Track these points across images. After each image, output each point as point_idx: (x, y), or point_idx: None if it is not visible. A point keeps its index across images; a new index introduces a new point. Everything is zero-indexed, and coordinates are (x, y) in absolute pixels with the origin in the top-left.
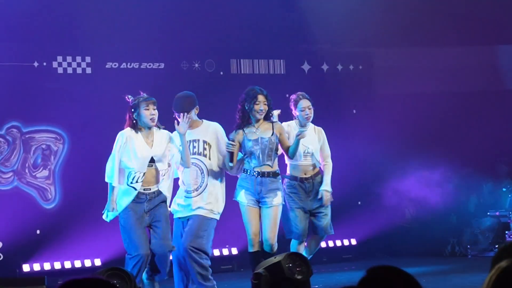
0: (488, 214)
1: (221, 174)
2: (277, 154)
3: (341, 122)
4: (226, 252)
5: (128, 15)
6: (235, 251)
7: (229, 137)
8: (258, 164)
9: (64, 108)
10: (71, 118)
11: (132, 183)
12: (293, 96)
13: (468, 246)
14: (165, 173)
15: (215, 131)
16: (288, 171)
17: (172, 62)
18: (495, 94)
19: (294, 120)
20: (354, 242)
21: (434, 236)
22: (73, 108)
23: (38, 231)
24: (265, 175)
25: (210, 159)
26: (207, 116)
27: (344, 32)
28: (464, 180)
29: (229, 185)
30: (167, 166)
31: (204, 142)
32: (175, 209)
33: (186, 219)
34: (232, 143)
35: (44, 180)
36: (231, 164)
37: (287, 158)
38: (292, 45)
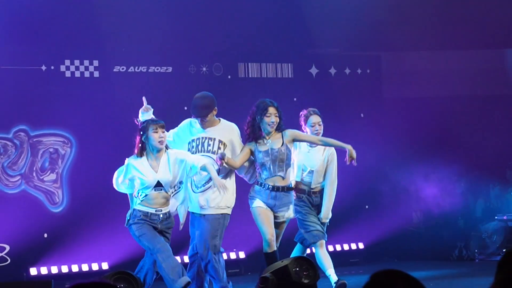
0: (496, 218)
1: (232, 174)
2: (289, 165)
3: (348, 126)
4: (233, 256)
5: (135, 19)
6: (242, 255)
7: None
8: (269, 175)
9: (71, 111)
10: (78, 121)
11: (138, 201)
12: (303, 111)
13: (476, 250)
14: (174, 193)
15: (231, 132)
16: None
17: (180, 66)
18: (503, 98)
19: None
20: (361, 246)
21: (442, 240)
22: (80, 111)
23: (46, 235)
24: (279, 189)
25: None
26: None
27: (352, 36)
28: (472, 184)
29: (238, 191)
30: (175, 189)
31: (220, 141)
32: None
33: (197, 215)
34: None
35: (52, 183)
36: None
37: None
38: (300, 49)
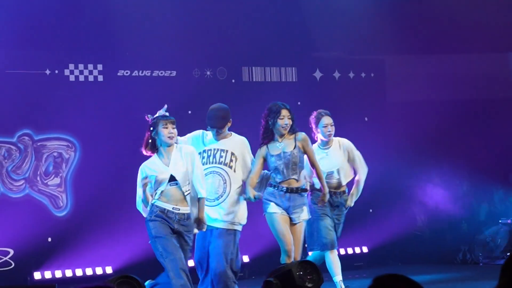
0: (500, 221)
1: (242, 187)
2: (302, 167)
3: (352, 129)
4: None
5: (140, 23)
6: (246, 259)
7: (255, 155)
8: (283, 178)
9: (75, 116)
10: (82, 126)
11: (155, 198)
12: (313, 113)
13: (480, 254)
14: (187, 191)
15: (242, 145)
16: (314, 185)
17: (184, 69)
18: (507, 101)
19: (316, 143)
20: (365, 249)
21: (446, 244)
22: (84, 116)
23: (50, 239)
24: (293, 191)
25: (235, 171)
26: None
27: (356, 40)
28: (475, 188)
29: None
30: (190, 186)
31: (232, 154)
32: None
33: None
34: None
35: (56, 187)
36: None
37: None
38: (304, 53)
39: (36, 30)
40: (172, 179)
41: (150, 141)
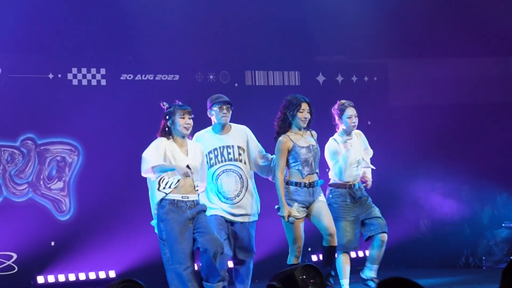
0: (503, 225)
1: (253, 175)
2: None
3: None
4: None
5: (142, 27)
6: None
7: (275, 148)
8: (310, 171)
9: (79, 120)
10: (86, 130)
11: (165, 188)
12: (336, 105)
13: (483, 258)
14: (197, 185)
15: (245, 134)
16: (333, 179)
17: (187, 73)
18: (510, 105)
19: (336, 133)
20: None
21: (449, 247)
22: (88, 120)
23: (53, 243)
24: (313, 185)
25: (245, 163)
26: None
27: (359, 44)
28: (478, 192)
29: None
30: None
31: (239, 147)
32: (212, 207)
33: (230, 222)
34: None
35: (59, 192)
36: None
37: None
38: (306, 56)
39: (39, 34)
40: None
41: (166, 129)
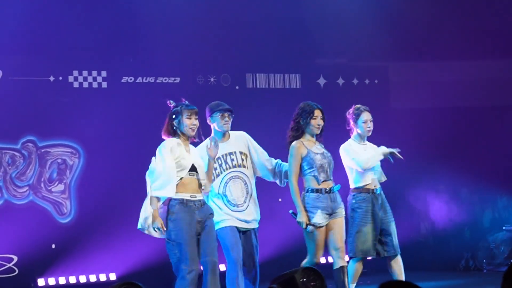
0: (504, 228)
1: (254, 180)
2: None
3: None
4: None
5: (143, 30)
6: None
7: (289, 154)
8: (326, 178)
9: (79, 122)
10: (86, 132)
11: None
12: (350, 110)
13: (484, 261)
14: (204, 187)
15: (245, 140)
16: (355, 184)
17: (188, 76)
18: (510, 108)
19: (351, 138)
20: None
21: (449, 250)
22: (88, 122)
23: (53, 246)
24: (331, 191)
25: (248, 168)
26: None
27: (360, 46)
28: (479, 195)
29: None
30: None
31: (241, 153)
32: (225, 218)
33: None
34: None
35: (60, 194)
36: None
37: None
38: (307, 59)
39: (40, 36)
40: (192, 168)
41: (173, 128)
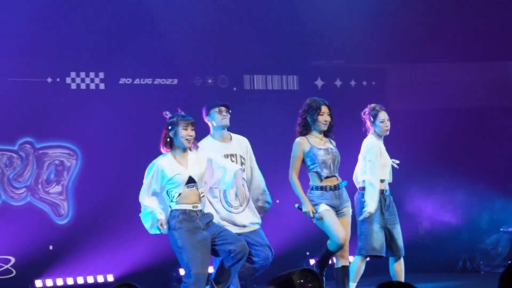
0: (501, 230)
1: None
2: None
3: (354, 138)
4: None
5: (141, 31)
6: None
7: (293, 149)
8: (329, 174)
9: (77, 124)
10: (84, 134)
11: (172, 201)
12: (366, 110)
13: (481, 262)
14: (202, 192)
15: (246, 146)
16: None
17: (186, 78)
18: (508, 110)
19: (369, 136)
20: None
21: (447, 252)
22: (86, 124)
23: (51, 247)
24: (337, 188)
25: (245, 170)
26: None
27: (358, 48)
28: (476, 196)
29: None
30: (205, 188)
31: (241, 156)
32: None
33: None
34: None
35: (57, 195)
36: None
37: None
38: (305, 61)
39: (38, 38)
40: (189, 181)
41: (168, 140)
